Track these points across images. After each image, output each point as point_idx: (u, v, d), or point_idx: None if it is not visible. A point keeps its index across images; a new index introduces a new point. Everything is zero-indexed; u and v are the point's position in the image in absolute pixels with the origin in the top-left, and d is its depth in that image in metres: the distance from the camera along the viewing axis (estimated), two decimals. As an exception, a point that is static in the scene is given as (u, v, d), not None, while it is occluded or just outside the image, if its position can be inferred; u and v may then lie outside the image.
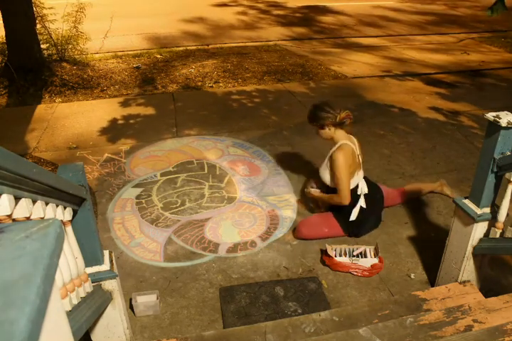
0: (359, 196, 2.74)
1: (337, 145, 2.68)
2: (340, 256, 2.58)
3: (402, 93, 5.15)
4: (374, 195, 2.86)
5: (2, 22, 5.13)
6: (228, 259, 2.65)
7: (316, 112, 2.71)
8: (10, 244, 0.57)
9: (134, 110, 4.67)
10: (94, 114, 4.60)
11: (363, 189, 2.77)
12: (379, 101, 4.90)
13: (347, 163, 2.63)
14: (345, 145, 2.66)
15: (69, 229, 1.45)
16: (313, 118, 2.73)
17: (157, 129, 4.22)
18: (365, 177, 2.92)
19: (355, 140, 2.78)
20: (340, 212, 2.77)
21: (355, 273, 2.51)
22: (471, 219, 2.05)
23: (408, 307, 2.08)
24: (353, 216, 2.73)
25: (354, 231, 2.80)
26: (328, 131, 2.70)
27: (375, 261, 2.53)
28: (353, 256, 2.58)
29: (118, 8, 8.47)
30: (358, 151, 2.76)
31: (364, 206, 2.74)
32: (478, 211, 2.04)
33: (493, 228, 2.03)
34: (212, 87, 5.36)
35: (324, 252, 2.61)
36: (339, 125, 2.68)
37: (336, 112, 2.65)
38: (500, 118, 1.79)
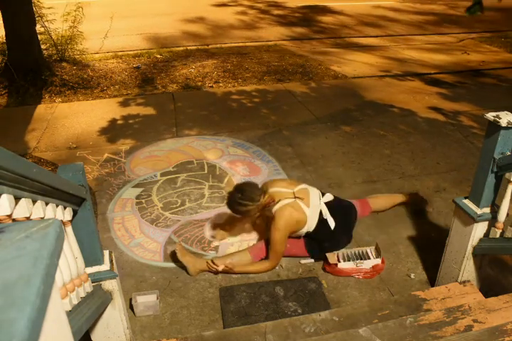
0: (326, 220, 2.53)
1: (276, 207, 2.44)
2: (344, 261, 2.51)
3: (402, 93, 5.15)
4: (345, 213, 2.67)
5: (2, 22, 5.12)
6: (228, 259, 2.65)
7: (234, 207, 2.45)
8: (10, 244, 0.57)
9: (134, 110, 4.67)
10: (94, 113, 4.60)
11: (326, 210, 2.55)
12: (379, 101, 4.89)
13: (291, 225, 2.43)
14: (286, 206, 2.41)
15: (69, 229, 1.45)
16: (236, 212, 2.50)
17: (157, 129, 4.22)
18: (331, 201, 2.62)
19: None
20: (313, 237, 2.57)
21: (357, 277, 2.49)
22: (471, 219, 2.06)
23: (408, 307, 2.08)
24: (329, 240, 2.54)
25: (317, 255, 2.61)
26: (258, 213, 2.52)
27: (378, 261, 2.51)
28: (357, 259, 2.53)
29: (118, 8, 8.47)
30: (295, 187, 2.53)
31: (333, 225, 2.52)
32: (478, 211, 2.04)
33: (493, 228, 2.03)
34: (212, 87, 5.36)
35: (325, 261, 2.54)
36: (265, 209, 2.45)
37: (256, 202, 2.38)
38: (500, 118, 1.79)
